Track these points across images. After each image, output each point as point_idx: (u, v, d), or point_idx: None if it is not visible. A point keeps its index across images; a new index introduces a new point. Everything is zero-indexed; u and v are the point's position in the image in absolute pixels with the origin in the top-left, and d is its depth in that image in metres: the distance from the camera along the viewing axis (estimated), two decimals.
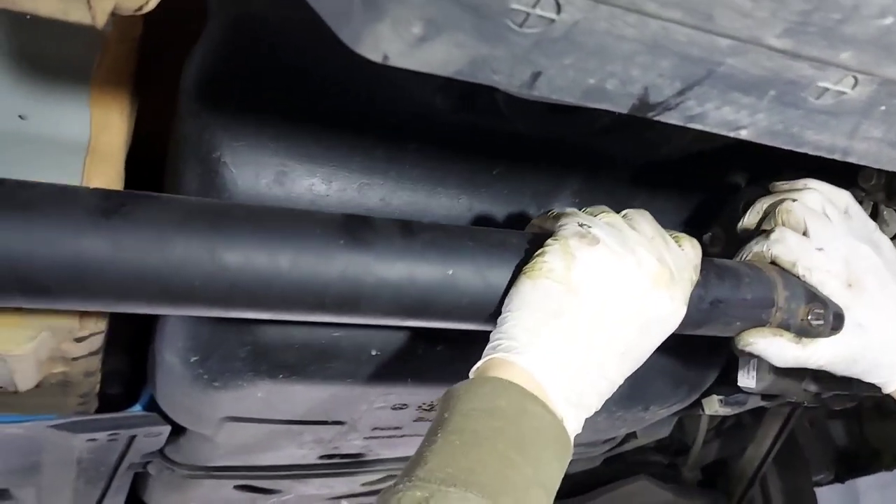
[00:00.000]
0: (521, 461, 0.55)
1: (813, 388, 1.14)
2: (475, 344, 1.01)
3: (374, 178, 0.96)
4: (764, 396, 1.27)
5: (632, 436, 1.51)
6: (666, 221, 1.18)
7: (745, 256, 0.83)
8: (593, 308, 0.63)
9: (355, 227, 0.61)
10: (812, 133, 0.55)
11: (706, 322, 0.74)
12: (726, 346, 1.21)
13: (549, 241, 0.66)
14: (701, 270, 0.72)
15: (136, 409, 1.09)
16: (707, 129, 0.55)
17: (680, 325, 0.69)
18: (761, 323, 0.78)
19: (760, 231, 0.86)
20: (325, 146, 0.92)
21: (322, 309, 0.60)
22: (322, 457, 1.17)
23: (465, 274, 0.63)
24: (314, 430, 1.06)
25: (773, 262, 0.81)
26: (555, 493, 0.58)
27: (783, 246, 0.81)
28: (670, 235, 0.72)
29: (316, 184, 0.94)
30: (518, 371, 0.60)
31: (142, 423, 1.09)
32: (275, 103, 0.89)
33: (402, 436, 1.13)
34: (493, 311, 0.66)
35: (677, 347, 1.18)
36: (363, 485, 1.37)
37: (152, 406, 1.08)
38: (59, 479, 1.25)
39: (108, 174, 0.89)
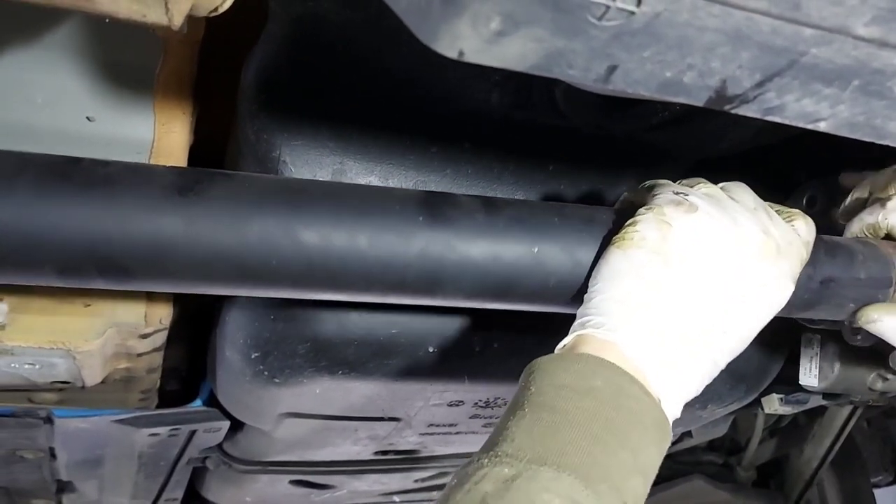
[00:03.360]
0: (618, 445, 0.51)
1: (879, 386, 1.11)
2: (532, 341, 1.00)
3: (430, 176, 0.96)
4: (826, 395, 1.24)
5: (687, 435, 1.49)
6: None
7: (855, 229, 0.77)
8: (692, 280, 0.57)
9: (436, 204, 0.59)
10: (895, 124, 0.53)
11: (816, 303, 0.68)
12: (787, 343, 1.19)
13: (642, 209, 0.61)
14: (822, 249, 0.67)
15: (197, 405, 1.11)
16: (785, 121, 0.53)
17: (787, 306, 0.63)
18: (876, 303, 0.71)
19: (873, 201, 0.79)
20: (381, 144, 0.93)
21: (402, 289, 0.58)
22: (377, 453, 1.18)
23: (553, 252, 0.60)
24: (370, 426, 1.07)
25: (889, 236, 0.75)
26: (651, 482, 0.54)
27: None
28: (783, 211, 0.67)
29: (373, 181, 0.94)
30: (612, 349, 0.55)
31: (202, 419, 1.10)
32: (333, 102, 0.90)
33: (457, 433, 1.13)
34: (582, 292, 0.61)
35: None
36: (416, 481, 1.38)
37: (212, 402, 1.10)
38: (121, 472, 1.28)
39: None
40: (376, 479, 1.33)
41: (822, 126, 0.55)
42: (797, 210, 0.68)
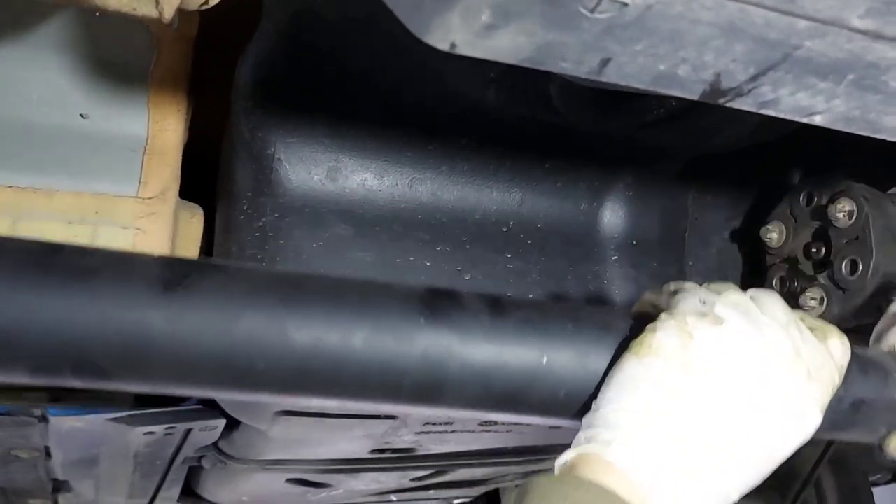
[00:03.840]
0: None
1: None
2: None
3: (425, 173, 0.96)
4: None
5: None
6: (719, 214, 1.17)
7: (893, 341, 0.71)
8: (715, 390, 0.53)
9: (439, 303, 0.54)
10: (891, 119, 0.53)
11: (846, 427, 0.64)
12: None
13: (663, 315, 0.56)
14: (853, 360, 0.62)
15: (192, 404, 1.11)
16: (780, 115, 0.53)
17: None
18: None
19: None
20: (377, 141, 0.93)
21: (399, 396, 0.54)
22: (373, 451, 1.18)
23: (564, 361, 0.55)
24: (366, 424, 1.06)
25: None
26: None
27: None
28: (817, 327, 0.61)
29: (368, 178, 0.94)
30: (616, 474, 0.50)
31: (197, 417, 1.10)
32: (328, 100, 0.89)
33: (452, 431, 1.12)
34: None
35: None
36: (412, 480, 1.38)
37: (207, 400, 1.10)
38: (117, 471, 1.27)
39: (164, 172, 0.90)
40: (373, 478, 1.32)
41: (818, 120, 0.55)
42: (832, 326, 0.62)
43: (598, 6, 0.43)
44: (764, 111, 0.53)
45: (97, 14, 0.51)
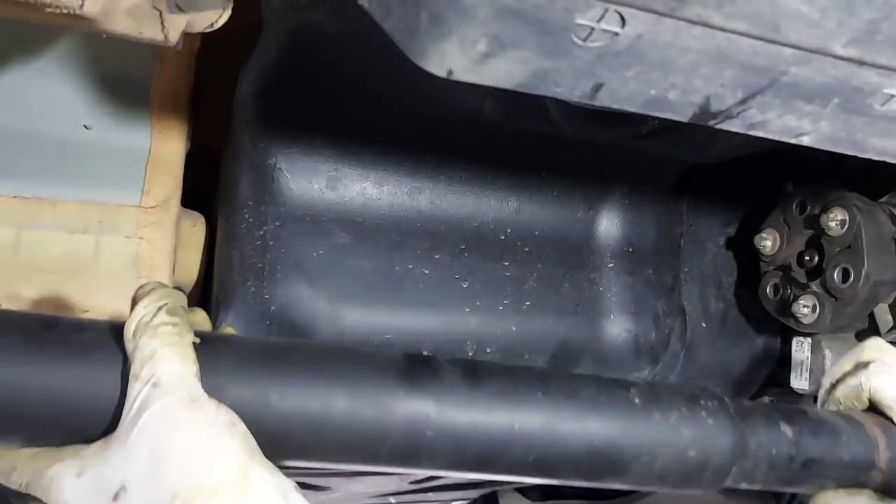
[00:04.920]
0: None
1: None
2: (526, 346, 1.01)
3: (424, 182, 0.98)
4: (816, 398, 1.26)
5: None
6: (713, 222, 1.19)
7: (839, 395, 0.74)
8: None
9: (417, 371, 0.57)
10: (876, 139, 0.54)
11: (797, 482, 0.67)
12: (778, 346, 1.21)
13: None
14: (794, 423, 0.65)
15: None
16: (768, 136, 0.55)
17: (766, 482, 0.63)
18: (858, 484, 0.69)
19: (857, 366, 0.76)
20: (376, 151, 0.94)
21: (377, 460, 0.56)
22: None
23: (534, 428, 0.58)
24: None
25: (871, 400, 0.72)
26: None
27: (887, 378, 0.70)
28: None
29: (368, 188, 0.95)
30: None
31: None
32: (328, 111, 0.91)
33: None
34: (561, 468, 0.60)
35: (728, 347, 1.18)
36: (412, 483, 1.39)
37: None
38: None
39: (167, 181, 0.92)
40: (372, 482, 1.34)
41: (806, 140, 0.56)
42: None
43: (591, 35, 0.44)
44: (753, 132, 0.54)
45: (104, 36, 0.52)
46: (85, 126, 0.88)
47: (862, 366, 0.73)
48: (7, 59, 0.83)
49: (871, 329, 1.10)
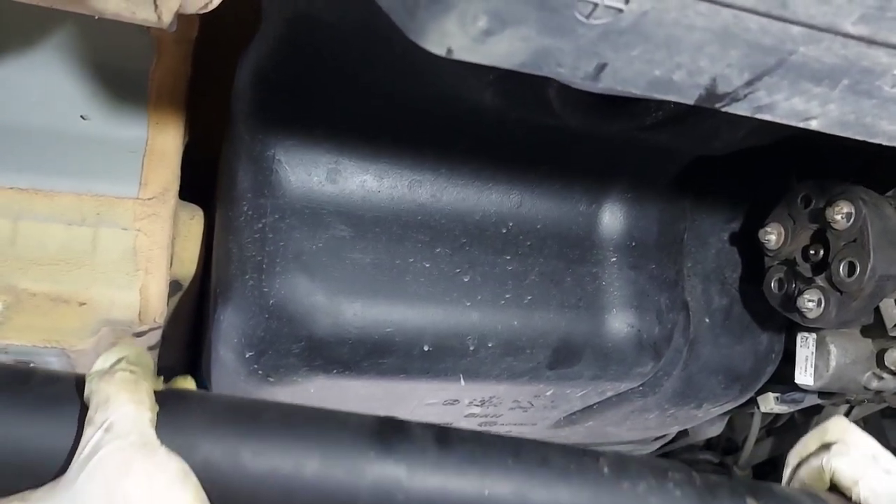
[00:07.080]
0: None
1: (874, 385, 1.12)
2: (528, 343, 1.00)
3: (424, 175, 0.97)
4: (821, 394, 1.25)
5: (683, 433, 1.49)
6: (717, 217, 1.17)
7: (803, 475, 0.75)
8: None
9: (389, 436, 0.58)
10: (886, 123, 0.53)
11: None
12: (782, 342, 1.19)
13: None
14: (760, 499, 0.66)
15: None
16: (776, 119, 0.53)
17: None
18: None
19: (821, 447, 0.77)
20: (376, 144, 0.93)
21: None
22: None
23: (504, 494, 0.59)
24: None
25: (832, 481, 0.73)
26: None
27: (847, 459, 0.71)
28: None
29: (368, 180, 0.94)
30: None
31: None
32: (327, 102, 0.90)
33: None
34: None
35: (731, 343, 1.16)
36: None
37: None
38: None
39: (164, 173, 0.91)
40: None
41: (814, 124, 0.55)
42: None
43: (594, 12, 0.43)
44: (760, 116, 0.53)
45: (96, 17, 0.51)
46: (82, 117, 0.87)
47: (825, 447, 0.74)
48: (3, 50, 0.83)
49: (877, 324, 1.09)
